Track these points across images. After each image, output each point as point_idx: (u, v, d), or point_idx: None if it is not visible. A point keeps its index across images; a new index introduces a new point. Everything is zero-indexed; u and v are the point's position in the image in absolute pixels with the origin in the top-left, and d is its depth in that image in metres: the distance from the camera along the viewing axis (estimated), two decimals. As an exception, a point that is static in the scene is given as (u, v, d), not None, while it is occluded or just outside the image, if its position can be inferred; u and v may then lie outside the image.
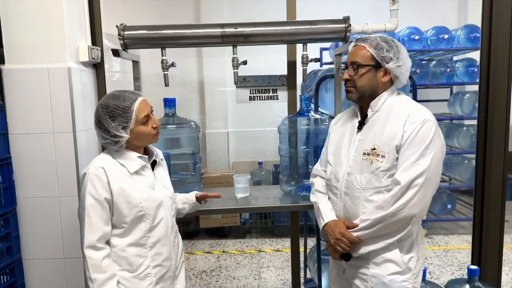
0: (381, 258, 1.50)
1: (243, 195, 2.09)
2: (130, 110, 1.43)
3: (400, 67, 1.53)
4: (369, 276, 1.52)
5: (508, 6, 2.08)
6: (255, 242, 4.18)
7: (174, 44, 2.04)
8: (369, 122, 1.56)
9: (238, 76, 2.07)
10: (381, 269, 1.50)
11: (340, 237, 1.52)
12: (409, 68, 1.58)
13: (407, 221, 1.44)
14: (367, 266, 1.53)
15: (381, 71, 1.54)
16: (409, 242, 1.51)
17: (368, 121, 1.56)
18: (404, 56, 1.55)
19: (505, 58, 2.13)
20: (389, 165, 1.46)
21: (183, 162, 2.06)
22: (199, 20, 4.93)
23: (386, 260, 1.49)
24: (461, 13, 5.44)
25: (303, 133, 2.01)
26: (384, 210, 1.44)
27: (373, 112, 1.56)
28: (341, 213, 1.60)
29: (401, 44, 1.59)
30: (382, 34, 2.00)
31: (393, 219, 1.43)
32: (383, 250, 1.49)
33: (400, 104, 1.54)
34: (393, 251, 1.49)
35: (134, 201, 1.42)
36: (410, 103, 1.56)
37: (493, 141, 2.19)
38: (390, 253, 1.49)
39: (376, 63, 1.53)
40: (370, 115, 1.56)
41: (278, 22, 2.02)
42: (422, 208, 1.44)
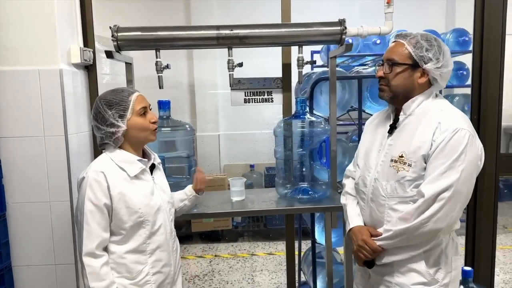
0: (406, 267, 1.44)
1: (239, 199, 2.06)
2: (127, 100, 1.42)
3: (439, 69, 1.41)
4: (393, 284, 1.46)
5: (499, 10, 2.12)
6: (248, 245, 4.16)
7: (168, 46, 2.02)
8: (401, 126, 1.47)
9: (233, 78, 2.05)
10: (406, 278, 1.44)
11: (362, 244, 1.48)
12: (450, 71, 1.45)
13: (432, 235, 1.37)
14: (392, 274, 1.47)
15: (418, 71, 1.43)
16: (437, 252, 1.43)
17: (400, 125, 1.48)
18: (446, 57, 1.44)
19: (497, 61, 2.16)
20: (415, 175, 1.38)
21: (178, 165, 2.03)
22: (190, 22, 4.91)
23: (411, 270, 1.43)
24: (448, 17, 5.52)
25: (299, 135, 2.00)
26: (407, 222, 1.37)
27: (405, 116, 1.47)
28: (368, 219, 1.54)
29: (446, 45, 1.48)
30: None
31: (416, 232, 1.36)
32: (408, 261, 1.43)
33: (434, 109, 1.42)
34: (418, 262, 1.42)
35: (134, 206, 1.39)
36: (445, 108, 1.44)
37: (485, 143, 2.21)
38: (416, 264, 1.42)
39: (414, 63, 1.42)
40: (402, 119, 1.47)
41: (273, 25, 2.01)
42: (449, 222, 1.35)
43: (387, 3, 2.00)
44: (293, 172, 2.08)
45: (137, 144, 1.48)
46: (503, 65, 2.17)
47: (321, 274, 2.60)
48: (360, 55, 4.04)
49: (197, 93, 5.12)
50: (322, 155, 2.00)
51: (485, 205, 2.25)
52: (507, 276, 3.30)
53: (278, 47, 2.20)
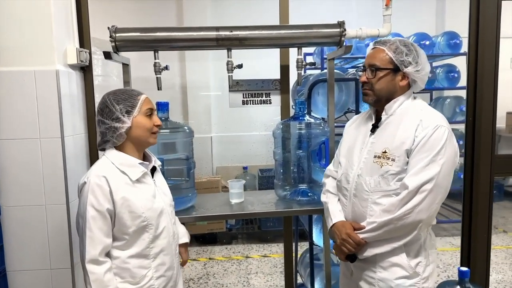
0: (388, 262, 1.49)
1: (238, 201, 2.05)
2: (136, 98, 1.42)
3: (418, 72, 1.51)
4: (376, 280, 1.51)
5: (493, 13, 2.14)
6: (242, 248, 4.14)
7: (167, 47, 2.00)
8: (383, 125, 1.55)
9: (232, 80, 2.04)
10: (388, 273, 1.49)
11: (346, 237, 1.52)
12: (427, 73, 1.55)
13: (414, 226, 1.43)
14: (374, 269, 1.52)
15: (399, 75, 1.52)
16: (416, 246, 1.50)
17: (382, 124, 1.56)
18: (423, 60, 1.54)
19: (491, 63, 2.18)
20: (398, 169, 1.45)
21: (177, 168, 2.01)
22: (182, 24, 4.88)
23: (393, 264, 1.49)
24: (439, 20, 5.60)
25: (299, 137, 2.00)
26: (391, 214, 1.43)
27: (387, 115, 1.55)
28: (349, 215, 1.60)
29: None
30: (379, 37, 2.03)
31: (399, 223, 1.42)
32: (390, 254, 1.48)
33: (414, 109, 1.53)
34: (399, 255, 1.48)
35: (137, 210, 1.36)
36: (424, 108, 1.55)
37: (480, 145, 2.25)
38: (397, 257, 1.48)
39: (395, 67, 1.51)
40: (384, 119, 1.55)
41: (273, 26, 2.00)
42: (429, 214, 1.43)
43: (386, 5, 2.02)
44: (292, 173, 2.08)
45: (137, 146, 1.46)
46: (497, 68, 2.20)
47: (319, 276, 2.60)
48: (353, 57, 4.08)
49: (190, 95, 5.09)
50: (321, 157, 2.00)
51: (480, 206, 2.28)
52: (500, 276, 3.35)
53: (276, 48, 2.20)
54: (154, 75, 2.00)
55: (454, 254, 3.80)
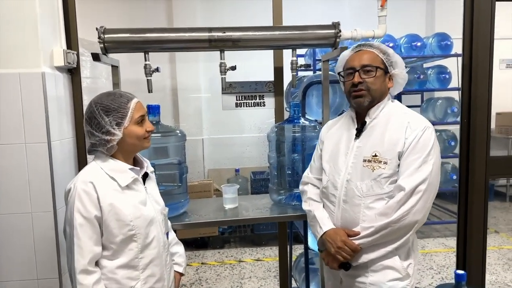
0: (380, 265, 1.47)
1: (232, 206, 2.00)
2: (126, 106, 1.34)
3: (402, 74, 1.57)
4: (368, 284, 1.49)
5: (487, 13, 2.13)
6: (235, 252, 4.08)
7: (158, 48, 1.95)
8: (367, 129, 1.54)
9: (225, 82, 1.99)
10: (380, 275, 1.47)
11: (342, 245, 1.47)
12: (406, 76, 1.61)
13: (410, 228, 1.42)
14: (365, 274, 1.50)
15: (387, 77, 1.55)
16: (406, 249, 1.50)
17: (366, 128, 1.54)
18: (402, 63, 1.58)
19: (485, 65, 2.17)
20: (391, 171, 1.45)
21: (169, 173, 1.95)
22: (172, 25, 4.82)
23: (385, 267, 1.47)
24: (428, 21, 5.63)
25: (294, 140, 1.95)
26: (388, 216, 1.41)
27: (371, 119, 1.54)
28: (338, 221, 1.56)
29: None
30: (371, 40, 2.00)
31: (397, 225, 1.41)
32: (382, 258, 1.47)
33: (397, 111, 1.55)
34: (392, 258, 1.47)
35: (125, 219, 1.30)
36: (406, 110, 1.57)
37: (475, 146, 2.23)
38: (390, 260, 1.47)
39: (385, 68, 1.53)
40: (368, 122, 1.54)
41: (267, 27, 1.96)
42: (424, 213, 1.43)
43: (381, 6, 1.99)
44: (287, 177, 2.03)
45: (129, 152, 1.40)
46: (491, 69, 2.19)
47: (314, 281, 2.55)
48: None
49: (180, 97, 5.03)
50: (317, 160, 1.96)
51: (475, 208, 2.26)
52: (493, 277, 3.35)
53: (270, 50, 2.16)
54: (145, 77, 1.95)
55: (447, 256, 3.80)
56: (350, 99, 1.58)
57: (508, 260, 3.66)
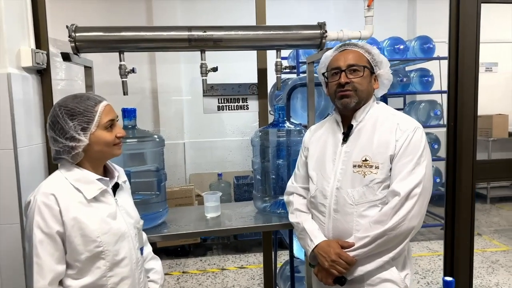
0: (377, 278, 1.39)
1: (214, 215, 1.90)
2: (93, 110, 1.22)
3: (387, 74, 1.51)
4: None
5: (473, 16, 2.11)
6: (217, 259, 3.96)
7: (134, 48, 1.84)
8: (354, 132, 1.47)
9: (206, 84, 1.89)
10: None
11: (336, 258, 1.38)
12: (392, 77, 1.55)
13: (406, 235, 1.35)
14: None
15: (373, 77, 1.49)
16: (402, 258, 1.44)
17: (353, 132, 1.47)
18: (387, 63, 1.52)
19: (471, 68, 2.15)
20: (383, 176, 1.38)
21: (146, 180, 1.83)
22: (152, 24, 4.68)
23: (383, 280, 1.38)
24: (410, 24, 5.65)
25: (279, 145, 1.87)
26: (384, 224, 1.33)
27: (358, 122, 1.47)
28: (329, 233, 1.47)
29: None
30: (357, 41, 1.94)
31: (393, 233, 1.33)
32: (379, 270, 1.38)
33: (384, 113, 1.49)
34: (389, 270, 1.39)
35: (91, 234, 1.18)
36: (393, 111, 1.51)
37: (462, 150, 2.20)
38: (387, 272, 1.39)
39: (371, 68, 1.47)
40: (355, 125, 1.47)
41: (250, 27, 1.87)
42: (420, 219, 1.37)
43: (368, 6, 1.93)
44: (272, 184, 1.94)
45: (98, 160, 1.28)
46: (477, 72, 2.17)
47: (299, 290, 2.47)
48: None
49: (161, 99, 4.89)
50: (302, 166, 1.88)
51: (462, 213, 2.23)
52: (478, 281, 3.33)
53: (253, 51, 2.07)
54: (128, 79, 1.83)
55: (432, 260, 3.78)
56: (336, 101, 1.50)
57: (492, 263, 3.66)
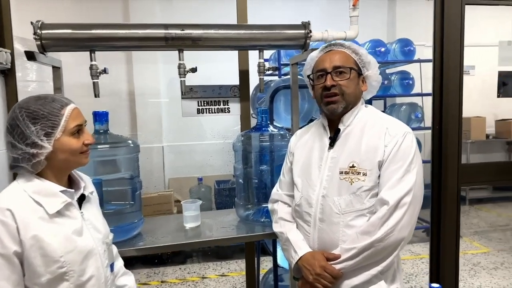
0: None
1: (194, 225, 1.78)
2: (59, 113, 1.09)
3: (375, 75, 1.44)
4: None
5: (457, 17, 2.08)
6: (197, 267, 3.83)
7: (106, 47, 1.71)
8: (342, 137, 1.40)
9: (185, 85, 1.78)
10: None
11: (321, 271, 1.30)
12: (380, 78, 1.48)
13: (395, 246, 1.27)
14: None
15: (360, 79, 1.42)
16: (392, 271, 1.36)
17: (341, 137, 1.40)
18: (375, 64, 1.45)
19: (456, 70, 2.12)
20: (372, 183, 1.30)
21: (120, 189, 1.70)
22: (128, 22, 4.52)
23: None
24: (390, 27, 5.67)
25: (262, 150, 1.77)
26: (371, 235, 1.25)
27: (345, 126, 1.40)
28: (315, 244, 1.39)
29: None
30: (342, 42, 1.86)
31: (382, 244, 1.25)
32: (367, 284, 1.30)
33: (373, 116, 1.42)
34: (378, 284, 1.31)
35: (53, 254, 1.04)
36: (382, 115, 1.44)
37: (447, 154, 2.17)
38: (375, 286, 1.31)
39: (358, 70, 1.40)
40: (342, 130, 1.40)
41: (231, 25, 1.78)
42: (410, 229, 1.29)
43: (353, 5, 1.86)
44: (255, 191, 1.84)
45: (62, 170, 1.15)
46: (462, 75, 2.14)
47: (283, 300, 2.38)
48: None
49: (138, 102, 4.72)
50: (287, 172, 1.79)
51: (448, 217, 2.20)
52: (461, 284, 3.32)
53: (235, 51, 1.97)
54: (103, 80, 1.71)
55: (415, 263, 3.76)
56: (322, 105, 1.42)
57: (474, 265, 3.66)
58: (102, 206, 1.61)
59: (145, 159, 4.72)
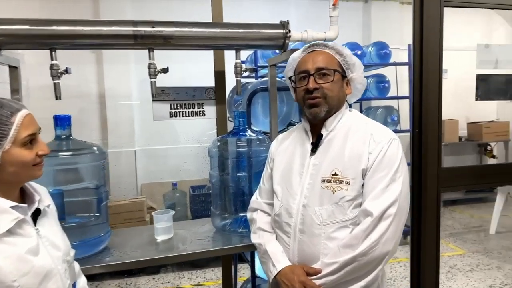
0: None
1: (166, 237, 1.66)
2: (8, 121, 0.95)
3: (360, 78, 1.37)
4: None
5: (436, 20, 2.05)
6: (172, 277, 3.67)
7: (68, 45, 1.57)
8: (324, 143, 1.32)
9: (156, 87, 1.66)
10: None
11: (300, 287, 1.21)
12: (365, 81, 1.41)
13: (379, 261, 1.20)
14: None
15: (344, 82, 1.34)
16: (375, 285, 1.27)
17: (323, 142, 1.32)
18: (360, 66, 1.37)
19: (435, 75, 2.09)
20: (355, 193, 1.23)
21: (84, 200, 1.55)
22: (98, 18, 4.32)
23: None
24: (365, 30, 5.69)
25: (240, 156, 1.67)
26: (354, 249, 1.18)
27: (328, 131, 1.32)
28: (294, 256, 1.30)
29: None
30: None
31: (365, 259, 1.18)
32: None
33: (357, 121, 1.34)
34: None
35: (5, 279, 0.91)
36: (366, 120, 1.37)
37: (427, 158, 2.13)
38: None
39: (343, 72, 1.32)
40: (325, 135, 1.32)
41: (206, 23, 1.67)
42: (395, 242, 1.22)
43: (333, 4, 1.78)
44: (232, 199, 1.74)
45: (12, 184, 1.01)
46: (441, 78, 2.11)
47: (262, 312, 2.28)
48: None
49: (109, 104, 4.51)
50: (266, 179, 1.69)
51: (428, 222, 2.15)
52: None
53: (210, 51, 1.86)
54: (67, 82, 1.56)
55: (393, 267, 3.73)
56: (304, 108, 1.34)
57: (450, 268, 3.67)
58: (64, 220, 1.47)
59: (116, 164, 4.53)
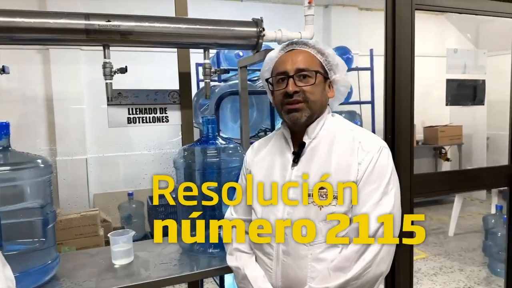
0: None
1: (125, 262, 1.44)
2: None
3: (344, 80, 1.26)
4: None
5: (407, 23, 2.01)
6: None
7: (6, 40, 1.32)
8: (307, 152, 1.20)
9: (112, 89, 1.45)
10: None
11: None
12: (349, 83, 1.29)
13: (373, 283, 1.11)
14: None
15: (327, 84, 1.23)
16: None
17: (306, 151, 1.20)
18: (343, 66, 1.26)
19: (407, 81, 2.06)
20: (345, 208, 1.12)
21: (26, 222, 1.31)
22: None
23: None
24: (325, 35, 5.70)
25: (210, 167, 1.49)
26: (346, 272, 1.08)
27: (311, 139, 1.20)
28: (278, 281, 1.17)
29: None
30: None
31: (358, 282, 1.08)
32: None
33: (342, 128, 1.23)
34: None
35: None
36: (352, 126, 1.26)
37: (400, 164, 2.09)
38: None
39: (325, 73, 1.20)
40: (307, 143, 1.20)
41: (169, 18, 1.49)
42: (389, 262, 1.13)
43: (309, 3, 1.67)
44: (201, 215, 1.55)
45: None
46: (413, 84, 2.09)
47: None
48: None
49: (57, 108, 4.15)
50: (238, 192, 1.53)
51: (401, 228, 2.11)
52: (406, 293, 3.30)
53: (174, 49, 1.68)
54: (14, 83, 1.31)
55: None
56: (283, 114, 1.21)
57: (415, 272, 3.69)
58: (1, 247, 1.22)
59: (65, 173, 4.17)
